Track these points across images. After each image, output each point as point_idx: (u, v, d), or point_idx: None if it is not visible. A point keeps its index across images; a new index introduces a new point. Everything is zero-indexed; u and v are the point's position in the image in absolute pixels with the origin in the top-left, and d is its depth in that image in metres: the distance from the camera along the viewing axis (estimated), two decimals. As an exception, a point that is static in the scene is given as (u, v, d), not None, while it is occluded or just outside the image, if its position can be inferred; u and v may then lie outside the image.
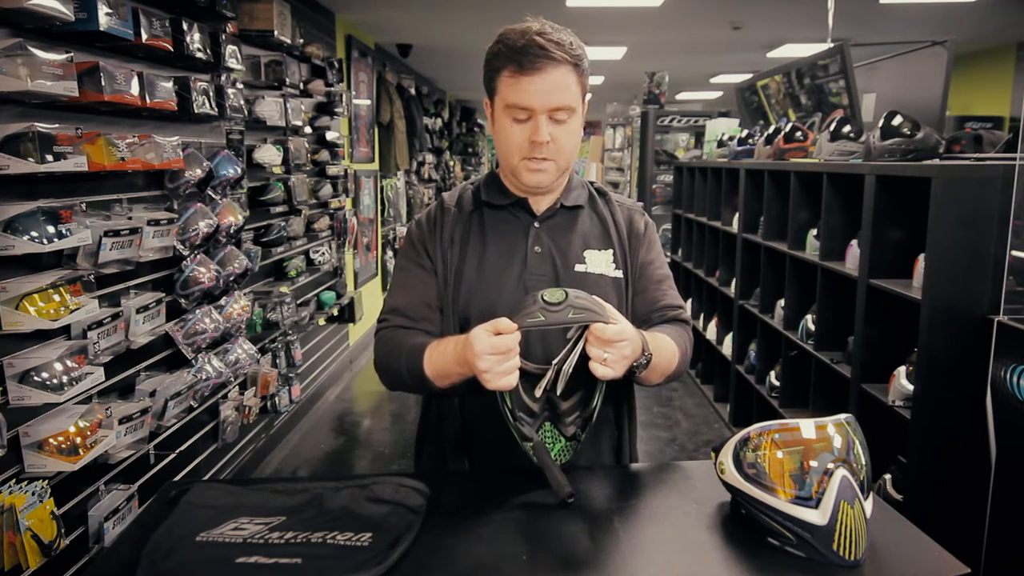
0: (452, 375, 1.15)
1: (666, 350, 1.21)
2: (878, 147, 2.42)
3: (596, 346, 1.06)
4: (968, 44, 6.27)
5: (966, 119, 5.20)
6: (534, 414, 1.14)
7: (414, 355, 1.19)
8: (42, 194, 1.79)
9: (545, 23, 1.19)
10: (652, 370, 1.17)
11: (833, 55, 3.31)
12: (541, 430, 1.14)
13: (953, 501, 2.13)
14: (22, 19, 1.68)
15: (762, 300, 3.57)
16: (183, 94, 2.29)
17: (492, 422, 1.14)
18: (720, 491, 1.07)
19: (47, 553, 1.75)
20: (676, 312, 1.33)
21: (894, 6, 4.73)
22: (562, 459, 1.15)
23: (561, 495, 1.08)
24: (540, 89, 1.16)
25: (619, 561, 0.96)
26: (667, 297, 1.33)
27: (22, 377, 1.69)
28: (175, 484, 1.17)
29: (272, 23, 3.07)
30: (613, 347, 1.06)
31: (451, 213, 1.32)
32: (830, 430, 0.97)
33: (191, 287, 2.36)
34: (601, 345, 1.05)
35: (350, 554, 0.93)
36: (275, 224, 3.31)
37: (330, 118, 4.13)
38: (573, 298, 1.05)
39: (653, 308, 1.31)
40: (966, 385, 2.07)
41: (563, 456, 1.16)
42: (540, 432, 1.13)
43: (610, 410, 1.32)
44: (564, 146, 1.22)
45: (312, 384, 4.29)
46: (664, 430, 4.13)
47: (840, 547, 0.93)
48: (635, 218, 1.36)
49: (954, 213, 2.07)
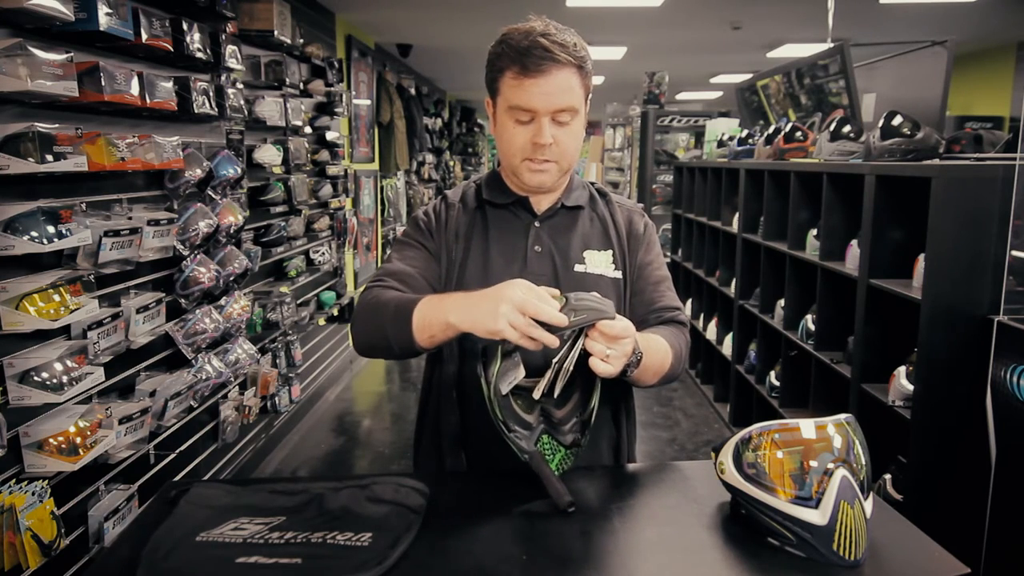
0: (437, 323, 1.09)
1: (658, 351, 1.20)
2: (878, 147, 2.42)
3: (600, 342, 1.04)
4: (968, 44, 6.27)
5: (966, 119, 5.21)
6: (529, 426, 1.12)
7: (405, 300, 1.15)
8: (42, 194, 1.79)
9: (549, 23, 1.19)
10: (644, 370, 1.15)
11: (833, 55, 3.31)
12: (539, 443, 1.12)
13: (953, 501, 2.13)
14: (22, 19, 1.68)
15: (762, 300, 3.57)
16: (183, 94, 2.29)
17: (490, 418, 1.14)
18: (720, 491, 1.07)
19: (47, 553, 1.75)
20: (673, 313, 1.32)
21: (894, 6, 4.73)
22: (564, 468, 1.14)
23: (561, 505, 1.07)
24: (544, 91, 1.16)
25: (619, 561, 0.96)
26: (664, 298, 1.33)
27: (22, 377, 1.69)
28: (175, 484, 1.17)
29: (272, 23, 3.07)
30: (617, 343, 1.05)
31: (456, 209, 1.32)
32: (830, 430, 0.97)
33: (191, 287, 2.36)
34: (605, 341, 1.04)
35: (350, 554, 0.93)
36: (275, 224, 3.31)
37: (330, 118, 4.13)
38: (574, 300, 1.04)
39: (650, 309, 1.31)
40: (966, 385, 2.07)
41: (565, 465, 1.14)
42: (538, 444, 1.12)
43: (608, 410, 1.32)
44: (566, 148, 1.22)
45: (312, 384, 4.29)
46: (664, 430, 4.13)
47: (840, 547, 0.93)
48: (635, 219, 1.36)
49: (954, 213, 2.07)
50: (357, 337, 1.25)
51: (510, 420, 1.10)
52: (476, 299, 1.05)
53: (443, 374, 1.30)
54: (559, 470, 1.13)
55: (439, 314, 1.09)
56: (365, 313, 1.21)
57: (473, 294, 1.07)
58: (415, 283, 1.26)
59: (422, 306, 1.12)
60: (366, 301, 1.22)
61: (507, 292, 1.01)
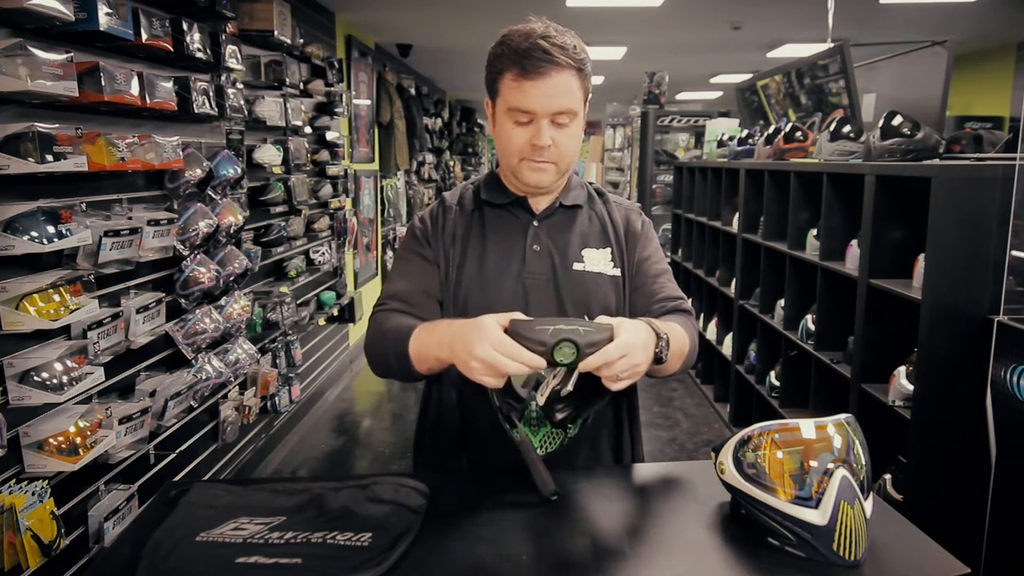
0: (429, 358, 1.12)
1: (676, 332, 1.19)
2: (878, 147, 2.42)
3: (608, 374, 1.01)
4: (968, 44, 6.27)
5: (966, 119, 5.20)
6: (520, 399, 1.11)
7: (402, 333, 1.18)
8: (42, 194, 1.79)
9: (549, 25, 1.19)
10: (672, 355, 1.14)
11: (833, 55, 3.31)
12: (527, 411, 1.11)
13: (953, 501, 2.13)
14: (22, 19, 1.68)
15: (762, 300, 3.57)
16: (183, 94, 2.29)
17: (490, 418, 1.14)
18: (720, 491, 1.07)
19: (47, 553, 1.75)
20: (676, 303, 1.31)
21: (894, 6, 4.73)
22: (547, 447, 1.12)
23: (544, 493, 1.06)
24: (543, 93, 1.16)
25: (619, 561, 0.96)
26: (666, 289, 1.32)
27: (22, 377, 1.69)
28: (175, 484, 1.17)
29: (272, 23, 3.07)
30: (622, 361, 1.01)
31: (453, 211, 1.32)
32: (830, 430, 0.97)
33: (191, 287, 2.36)
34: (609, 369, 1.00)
35: (350, 554, 0.93)
36: (275, 224, 3.31)
37: (330, 118, 4.13)
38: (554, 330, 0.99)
39: (652, 300, 1.30)
40: (966, 385, 2.07)
41: (548, 444, 1.12)
42: (527, 412, 1.10)
43: (609, 409, 1.32)
44: (565, 149, 1.22)
45: (312, 384, 4.29)
46: (664, 430, 4.13)
47: (840, 547, 0.93)
48: (632, 217, 1.36)
49: (954, 213, 2.07)
50: (371, 366, 1.29)
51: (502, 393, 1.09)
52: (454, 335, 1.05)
53: (444, 375, 1.30)
54: (542, 447, 1.12)
55: (430, 350, 1.12)
56: (372, 344, 1.26)
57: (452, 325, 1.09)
58: (417, 299, 1.27)
59: (416, 340, 1.15)
60: (372, 330, 1.27)
61: (475, 350, 0.99)
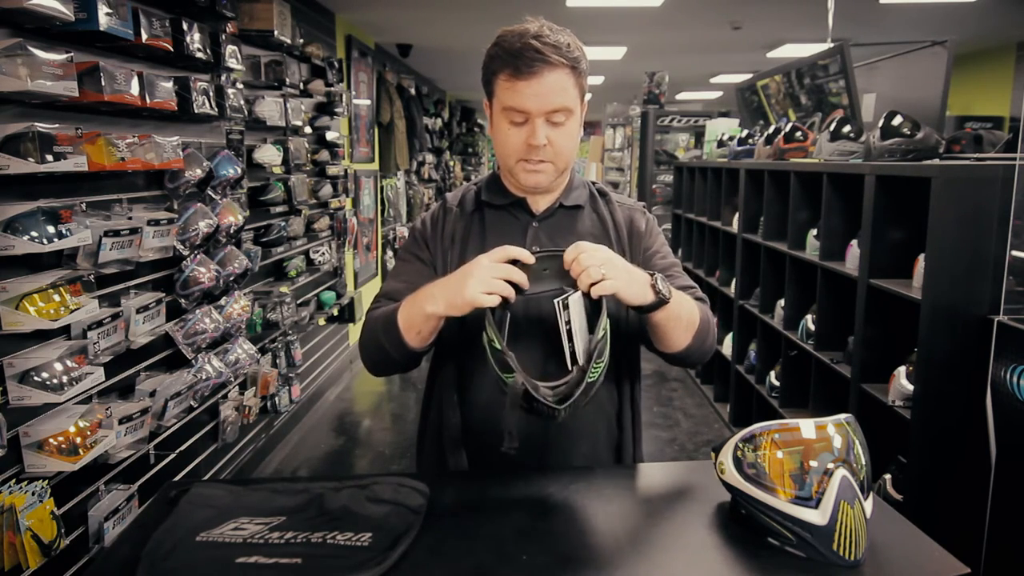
0: (418, 318, 1.15)
1: (683, 299, 1.20)
2: (878, 147, 2.42)
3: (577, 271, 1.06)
4: (968, 44, 6.27)
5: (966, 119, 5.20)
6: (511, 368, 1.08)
7: (389, 311, 1.20)
8: (42, 194, 1.79)
9: (543, 24, 1.19)
10: (677, 318, 1.17)
11: (833, 55, 3.32)
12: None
13: (953, 501, 2.13)
14: (22, 19, 1.68)
15: (762, 300, 3.57)
16: (183, 94, 2.29)
17: (491, 418, 1.14)
18: (720, 491, 1.07)
19: (47, 553, 1.75)
20: (689, 292, 1.29)
21: (894, 6, 4.73)
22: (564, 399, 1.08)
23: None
24: (536, 93, 1.16)
25: (619, 561, 0.96)
26: (676, 281, 1.30)
27: (22, 377, 1.69)
28: (175, 484, 1.17)
29: (272, 23, 3.07)
30: (586, 255, 1.06)
31: (453, 213, 1.33)
32: (830, 430, 0.97)
33: (191, 287, 2.36)
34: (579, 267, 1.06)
35: (350, 554, 0.93)
36: (275, 224, 3.31)
37: (330, 118, 4.13)
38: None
39: None
40: (966, 385, 2.07)
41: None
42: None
43: (610, 408, 1.32)
44: (562, 148, 1.22)
45: (312, 384, 4.29)
46: (664, 430, 4.13)
47: (840, 547, 0.93)
48: (635, 217, 1.36)
49: (954, 213, 2.07)
50: (364, 360, 1.31)
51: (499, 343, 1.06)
52: (443, 283, 1.13)
53: (444, 374, 1.30)
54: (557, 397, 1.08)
55: (417, 308, 1.15)
56: (364, 336, 1.29)
57: (439, 280, 1.15)
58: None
59: (403, 308, 1.18)
60: (365, 325, 1.29)
61: (470, 267, 1.09)
